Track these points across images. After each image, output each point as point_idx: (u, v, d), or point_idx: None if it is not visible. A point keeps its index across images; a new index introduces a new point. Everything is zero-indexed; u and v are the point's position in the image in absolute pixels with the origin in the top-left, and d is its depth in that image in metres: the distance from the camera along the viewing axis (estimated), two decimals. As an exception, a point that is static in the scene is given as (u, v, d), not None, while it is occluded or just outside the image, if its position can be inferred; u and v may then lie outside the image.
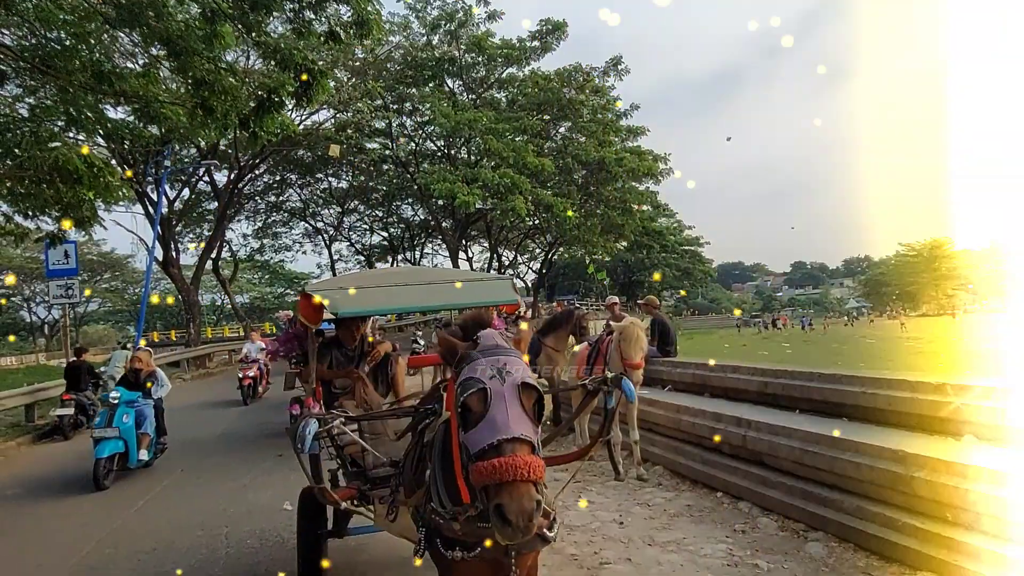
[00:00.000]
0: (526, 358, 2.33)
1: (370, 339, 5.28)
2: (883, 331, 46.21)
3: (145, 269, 22.74)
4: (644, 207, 36.36)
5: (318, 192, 38.99)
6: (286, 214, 39.88)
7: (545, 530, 2.52)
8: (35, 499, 8.01)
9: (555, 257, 52.04)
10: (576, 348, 8.37)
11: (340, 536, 4.76)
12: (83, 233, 11.21)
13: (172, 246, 26.41)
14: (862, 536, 4.53)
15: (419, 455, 2.86)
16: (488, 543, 2.41)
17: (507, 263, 49.27)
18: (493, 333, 2.29)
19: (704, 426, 6.58)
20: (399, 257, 49.97)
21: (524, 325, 2.60)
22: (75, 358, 13.38)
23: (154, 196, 24.07)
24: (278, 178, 35.14)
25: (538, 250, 50.95)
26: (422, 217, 41.49)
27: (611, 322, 7.65)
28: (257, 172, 31.69)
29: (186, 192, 30.60)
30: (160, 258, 25.06)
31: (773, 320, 53.69)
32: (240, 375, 15.69)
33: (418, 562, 2.69)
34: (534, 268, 54.52)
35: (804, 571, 4.39)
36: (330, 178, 37.22)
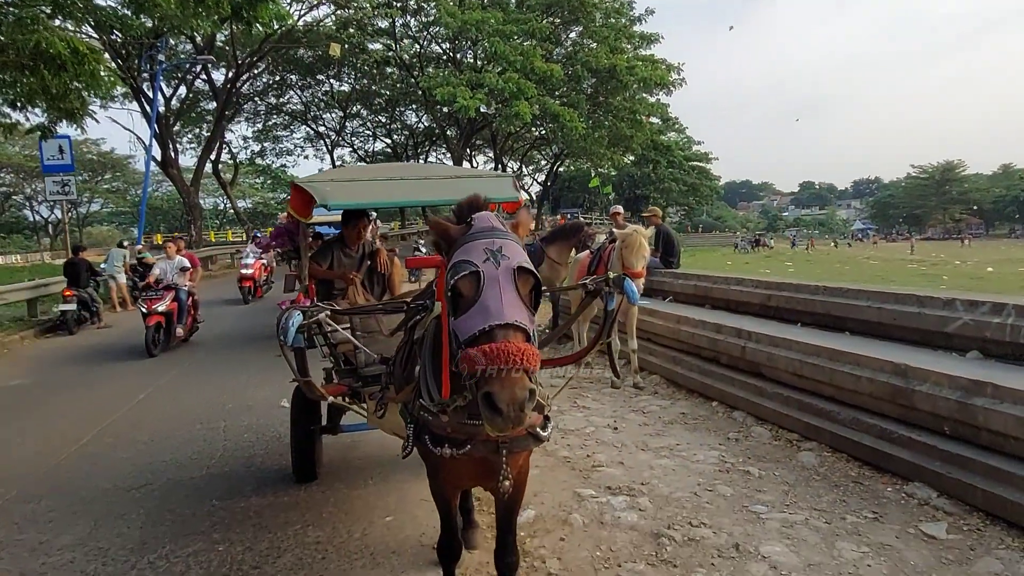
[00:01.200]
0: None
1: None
2: (887, 253, 45.96)
3: (144, 169, 22.29)
4: (653, 120, 35.38)
5: (319, 95, 37.77)
6: (287, 117, 38.81)
7: (539, 429, 2.45)
8: (38, 390, 8.12)
9: (560, 169, 51.24)
10: (579, 257, 8.22)
11: (334, 433, 4.78)
12: (75, 127, 10.81)
13: (170, 146, 25.80)
14: (856, 447, 4.53)
15: (409, 352, 2.76)
16: (479, 439, 2.35)
17: (512, 174, 48.59)
18: (489, 215, 2.12)
19: (703, 336, 6.53)
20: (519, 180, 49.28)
21: (523, 215, 2.38)
22: (73, 255, 13.31)
23: (150, 93, 23.26)
24: (278, 79, 33.93)
25: (544, 162, 50.10)
26: (426, 124, 40.45)
27: (614, 230, 7.46)
28: (256, 71, 30.56)
29: (184, 91, 29.59)
30: (159, 158, 24.56)
31: (756, 239, 51.98)
32: (240, 276, 15.80)
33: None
34: (539, 180, 53.74)
35: (795, 478, 4.41)
36: (331, 80, 35.94)
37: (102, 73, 8.20)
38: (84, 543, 3.91)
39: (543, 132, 34.86)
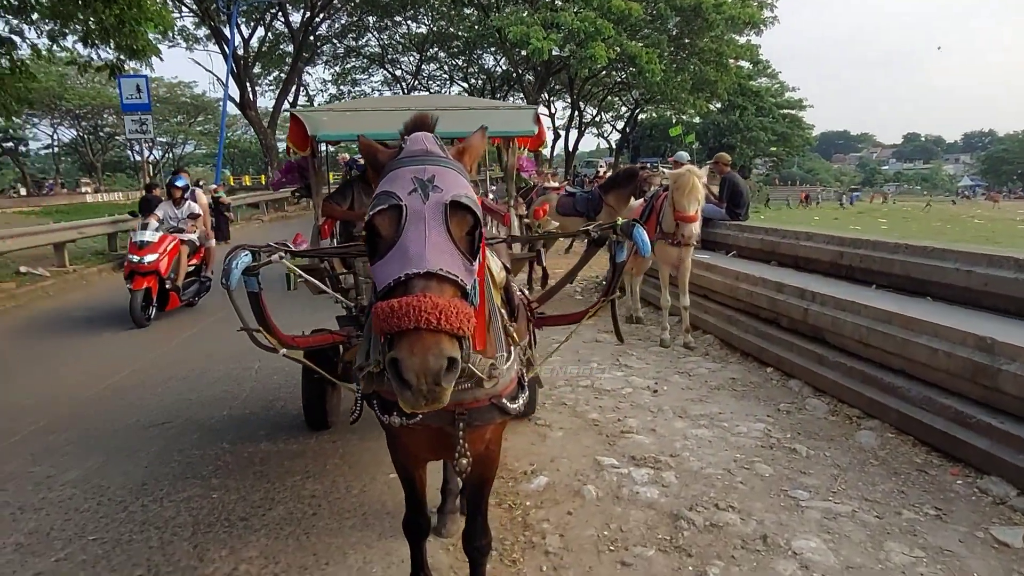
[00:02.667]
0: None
1: None
2: (1003, 212, 42.12)
3: (222, 109, 22.75)
4: (742, 63, 33.17)
5: (396, 37, 37.42)
6: (364, 60, 38.74)
7: (505, 400, 2.07)
8: (97, 322, 8.36)
9: (641, 116, 49.26)
10: (632, 205, 7.64)
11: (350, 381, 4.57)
12: (142, 65, 10.92)
13: (249, 88, 26.19)
14: (925, 429, 3.93)
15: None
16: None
17: (589, 120, 47.06)
18: (425, 136, 1.70)
19: (763, 296, 5.92)
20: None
21: (475, 139, 1.93)
22: (147, 193, 13.69)
23: (228, 34, 23.51)
24: (356, 19, 33.74)
25: (624, 108, 48.22)
26: (504, 68, 39.49)
27: (666, 171, 6.83)
28: (333, 12, 30.43)
29: (263, 32, 29.85)
30: (238, 99, 24.99)
31: (806, 196, 47.10)
32: (127, 266, 15.76)
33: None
34: (619, 128, 51.96)
35: (848, 461, 3.88)
36: (408, 22, 35.46)
37: (148, 3, 8.09)
38: (88, 479, 3.88)
39: (624, 77, 33.37)
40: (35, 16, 9.24)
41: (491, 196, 5.75)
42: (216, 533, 3.27)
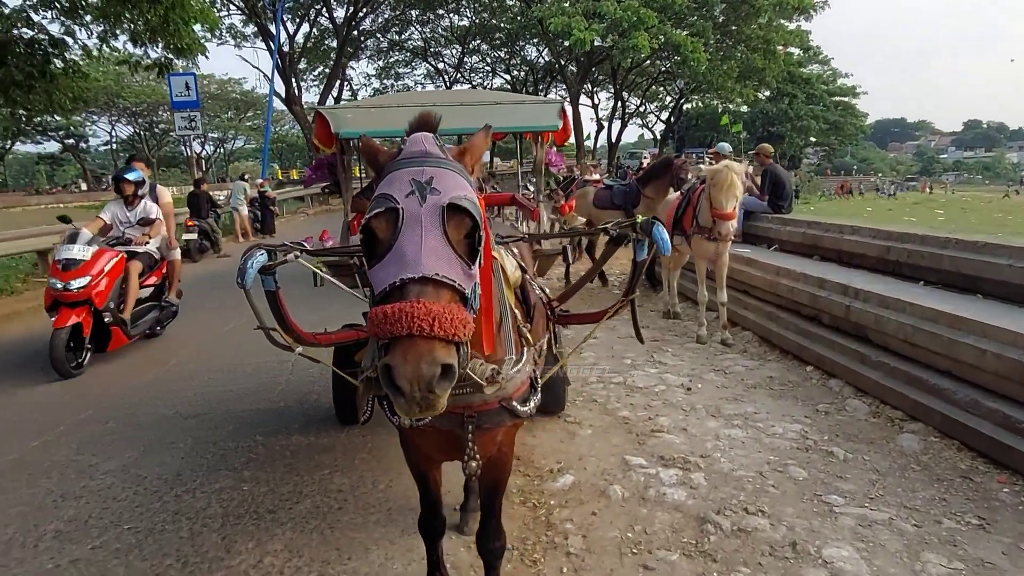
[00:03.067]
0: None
1: None
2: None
3: (268, 104, 23.23)
4: (791, 50, 32.22)
5: (439, 30, 37.59)
6: (408, 54, 39.03)
7: (516, 403, 2.03)
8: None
9: (686, 106, 48.38)
10: (668, 199, 7.49)
11: None
12: (188, 62, 11.21)
13: (294, 83, 26.67)
14: (971, 434, 3.75)
15: None
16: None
17: (632, 111, 46.47)
18: (424, 137, 1.66)
19: (804, 292, 5.75)
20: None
21: (477, 138, 1.87)
22: (195, 188, 14.09)
23: (273, 31, 23.95)
24: (399, 14, 34.00)
25: (668, 98, 47.43)
26: (546, 59, 39.29)
27: (703, 167, 6.66)
28: (376, 6, 30.70)
29: (307, 28, 30.35)
30: (283, 95, 25.47)
31: (844, 186, 44.41)
32: (49, 295, 15.89)
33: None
34: (663, 118, 51.17)
35: (888, 466, 3.73)
36: (451, 15, 35.58)
37: (192, 3, 8.30)
38: (127, 469, 4.00)
39: (668, 66, 32.83)
40: (87, 18, 9.59)
41: (528, 191, 5.72)
42: (244, 525, 3.33)
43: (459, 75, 41.20)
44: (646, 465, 3.85)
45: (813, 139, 51.58)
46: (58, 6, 9.17)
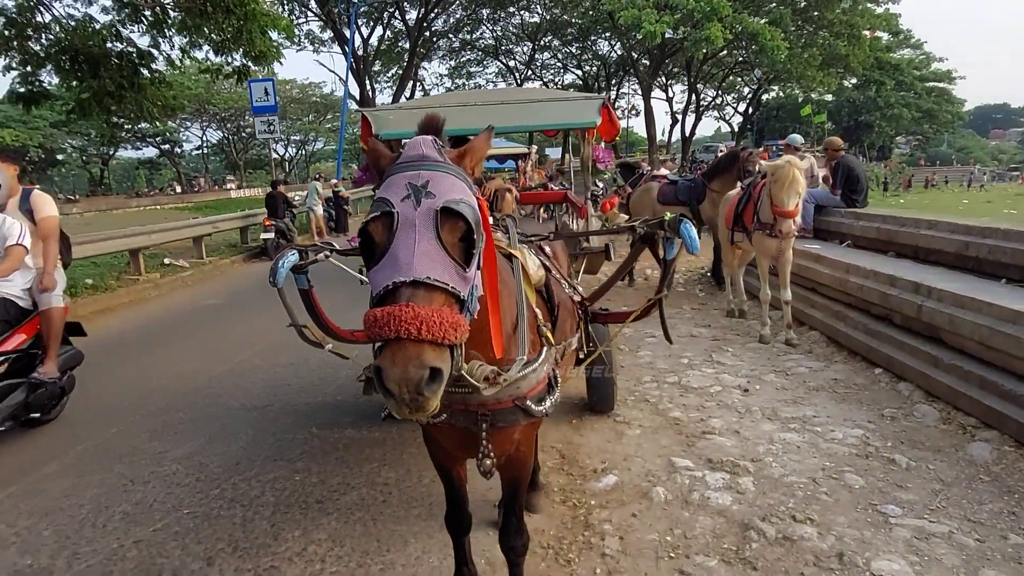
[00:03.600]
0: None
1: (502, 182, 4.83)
2: None
3: (342, 106, 23.98)
4: (879, 34, 30.56)
5: (510, 28, 37.73)
6: (479, 52, 39.39)
7: (530, 402, 2.03)
8: (226, 310, 9.11)
9: (766, 97, 46.75)
10: (729, 195, 7.26)
11: None
12: (263, 69, 11.73)
13: (368, 85, 27.40)
14: (1051, 444, 3.48)
15: None
16: (456, 408, 2.01)
17: (708, 103, 45.26)
18: (423, 140, 1.67)
19: (874, 290, 5.46)
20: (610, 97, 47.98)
21: (479, 140, 1.86)
22: (272, 189, 14.70)
23: (347, 34, 24.70)
24: (470, 13, 34.38)
25: (746, 89, 45.94)
26: (619, 54, 38.80)
27: (762, 162, 6.41)
28: (448, 7, 31.15)
29: (381, 31, 31.11)
30: (357, 97, 26.22)
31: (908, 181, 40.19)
32: None
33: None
34: (741, 110, 49.62)
35: (955, 476, 3.50)
36: (522, 12, 35.64)
37: (259, 9, 8.68)
38: (192, 457, 4.23)
39: (744, 56, 31.81)
40: (171, 32, 10.19)
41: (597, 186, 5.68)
42: (293, 514, 3.46)
43: (530, 72, 41.25)
44: (692, 468, 3.76)
45: (904, 129, 48.83)
46: (144, 20, 9.80)
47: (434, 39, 33.78)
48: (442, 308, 1.43)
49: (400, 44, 33.95)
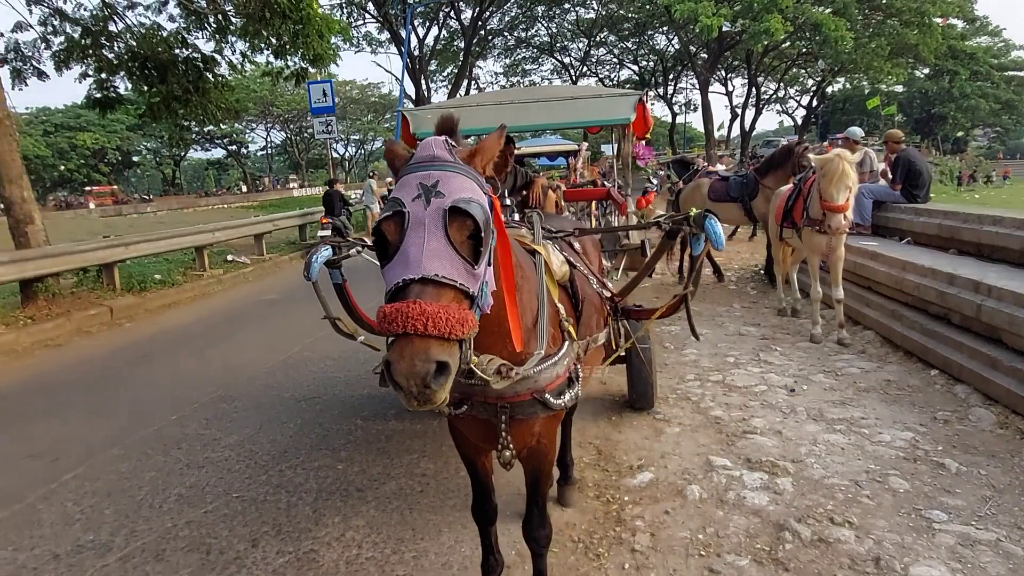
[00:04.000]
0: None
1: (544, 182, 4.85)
2: None
3: (397, 106, 24.41)
4: (952, 21, 29.12)
5: (566, 24, 37.65)
6: (534, 50, 39.45)
7: (549, 395, 2.06)
8: (283, 304, 9.43)
9: (831, 89, 45.16)
10: (780, 190, 7.07)
11: None
12: (320, 71, 12.09)
13: (423, 84, 27.80)
14: (1116, 452, 3.29)
15: None
16: (477, 400, 2.06)
17: (769, 96, 44.07)
18: (435, 141, 1.72)
19: (931, 289, 5.25)
20: (650, 94, 47.35)
21: (489, 140, 1.89)
22: (328, 188, 15.11)
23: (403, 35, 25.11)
24: (525, 11, 34.45)
25: (810, 81, 44.51)
26: (676, 48, 38.21)
27: (812, 156, 6.21)
28: (503, 5, 31.30)
29: (437, 31, 31.50)
30: (413, 96, 26.62)
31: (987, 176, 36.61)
32: None
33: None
34: (804, 103, 48.09)
35: (1008, 482, 3.35)
36: (577, 8, 35.51)
37: (313, 14, 8.96)
38: (243, 444, 4.43)
39: (807, 47, 30.82)
40: (233, 37, 10.62)
41: (652, 183, 5.66)
42: (334, 501, 3.59)
43: (585, 69, 41.08)
44: (730, 467, 3.72)
45: (982, 120, 46.39)
46: (208, 27, 10.24)
47: (489, 37, 33.99)
48: (449, 304, 1.48)
49: (455, 43, 34.31)
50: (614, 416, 4.61)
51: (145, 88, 11.05)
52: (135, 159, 61.80)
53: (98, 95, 11.50)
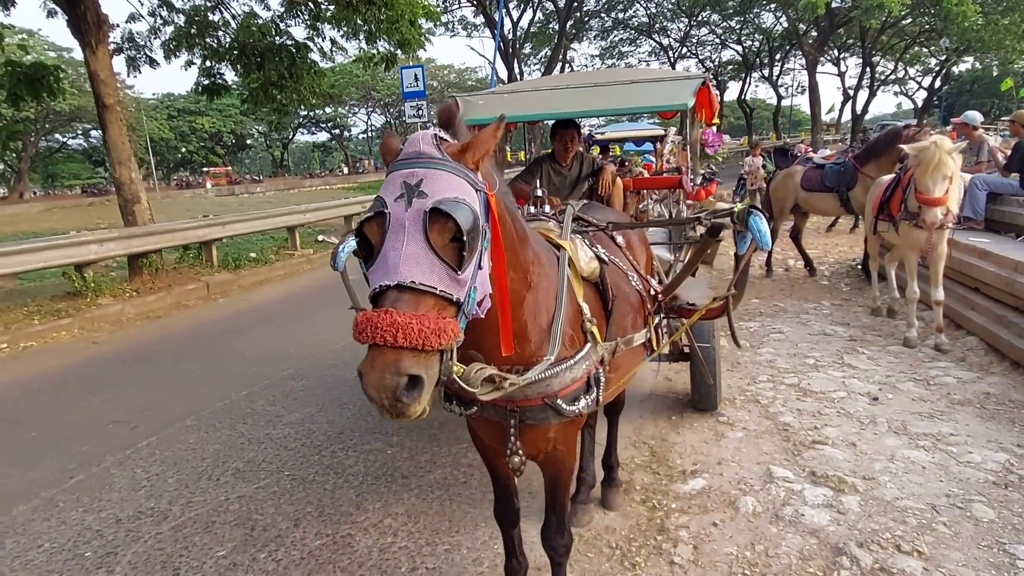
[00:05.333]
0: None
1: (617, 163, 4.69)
2: None
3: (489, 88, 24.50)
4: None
5: (666, 4, 36.45)
6: (632, 31, 38.49)
7: (561, 401, 1.95)
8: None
9: (957, 69, 41.55)
10: (880, 180, 6.49)
11: None
12: (407, 56, 12.25)
13: (516, 67, 27.72)
14: None
15: None
16: (487, 403, 1.97)
17: (886, 76, 41.06)
18: (422, 136, 1.59)
19: (1046, 294, 4.69)
20: (754, 75, 45.26)
21: (484, 133, 1.74)
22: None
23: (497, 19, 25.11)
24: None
25: (933, 60, 41.10)
26: (784, 26, 36.21)
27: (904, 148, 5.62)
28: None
29: (531, 14, 31.31)
30: (505, 80, 26.61)
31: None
32: None
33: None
34: (926, 84, 44.50)
35: (1118, 520, 2.93)
36: (678, -14, 34.34)
37: (406, 1, 9.06)
38: (303, 423, 4.56)
39: (930, 23, 28.43)
40: (324, 25, 10.95)
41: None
42: (378, 486, 3.62)
43: (684, 50, 39.73)
44: (792, 479, 3.46)
45: None
46: (301, 15, 10.59)
47: (586, 19, 33.41)
48: (427, 313, 1.39)
49: (551, 26, 33.98)
50: (674, 416, 4.42)
51: (245, 75, 11.57)
52: (248, 142, 65.45)
53: (205, 82, 12.17)
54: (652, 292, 2.78)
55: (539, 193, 3.45)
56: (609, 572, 2.82)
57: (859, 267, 8.74)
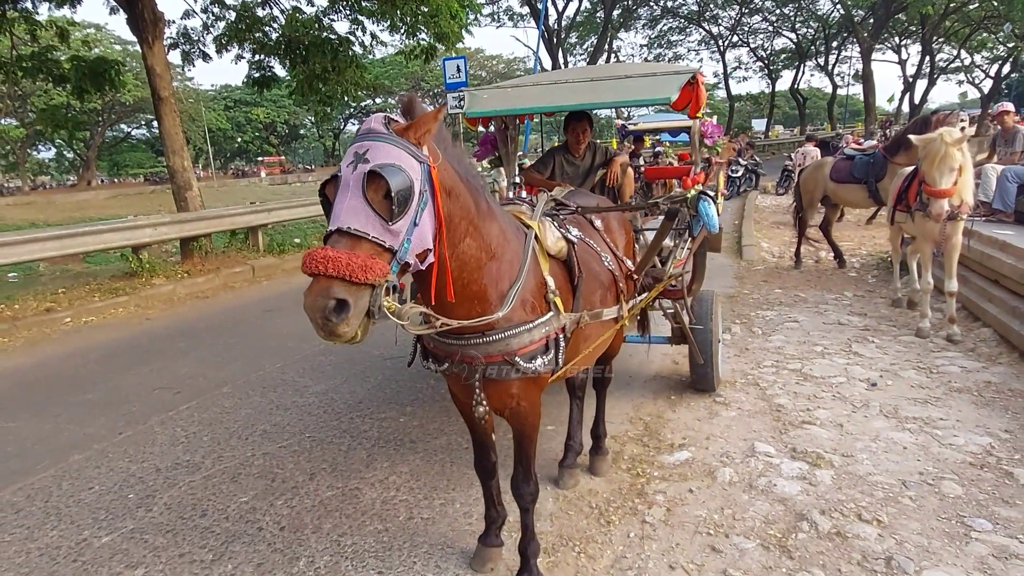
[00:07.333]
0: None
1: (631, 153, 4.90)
2: None
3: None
4: None
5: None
6: (681, 20, 37.99)
7: (519, 359, 2.23)
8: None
9: (1025, 55, 39.64)
10: (902, 171, 6.47)
11: None
12: (445, 48, 12.55)
13: (560, 56, 27.78)
14: None
15: None
16: (456, 359, 2.27)
17: (948, 63, 39.48)
18: (373, 117, 1.91)
19: (1056, 285, 4.71)
20: (808, 64, 44.10)
21: (427, 114, 2.04)
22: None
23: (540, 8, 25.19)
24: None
25: (1001, 47, 39.31)
26: (840, 13, 35.19)
27: (910, 137, 5.62)
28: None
29: (577, 3, 31.25)
30: (550, 68, 26.70)
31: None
32: None
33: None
34: (992, 72, 42.58)
35: (1083, 500, 3.04)
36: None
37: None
38: (327, 393, 4.94)
39: (995, 8, 27.27)
40: (365, 18, 11.35)
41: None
42: (387, 449, 3.96)
43: (735, 38, 39.03)
44: (773, 454, 3.65)
45: None
46: (343, 10, 11.01)
47: (634, 7, 33.16)
48: (357, 252, 1.69)
49: (597, 15, 33.84)
50: (674, 395, 4.62)
51: (292, 68, 12.08)
52: (300, 132, 67.18)
53: (256, 75, 12.75)
54: (627, 272, 3.02)
55: (517, 180, 3.72)
56: (585, 527, 3.08)
57: (889, 260, 8.68)
